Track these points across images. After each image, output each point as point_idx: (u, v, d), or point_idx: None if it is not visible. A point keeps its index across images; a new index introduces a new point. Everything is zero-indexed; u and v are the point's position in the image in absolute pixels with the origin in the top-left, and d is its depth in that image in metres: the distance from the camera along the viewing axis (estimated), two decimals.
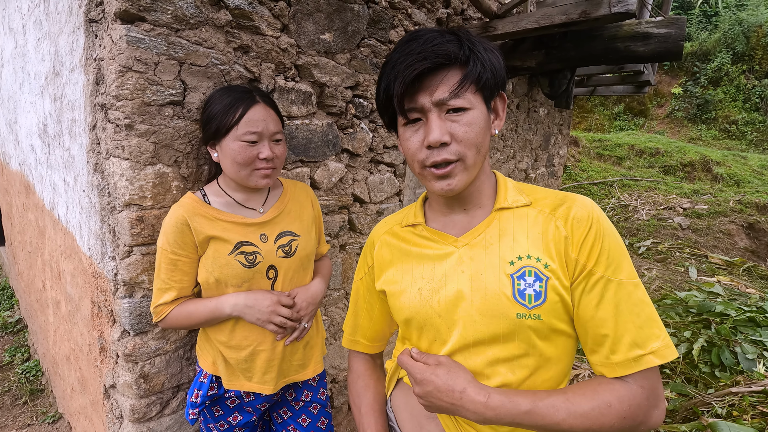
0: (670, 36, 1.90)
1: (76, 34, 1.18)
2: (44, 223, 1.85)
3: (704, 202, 6.42)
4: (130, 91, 1.03)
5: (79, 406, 1.75)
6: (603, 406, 0.62)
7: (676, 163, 8.26)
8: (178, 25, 1.08)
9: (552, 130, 4.15)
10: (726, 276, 4.48)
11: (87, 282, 1.35)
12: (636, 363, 0.62)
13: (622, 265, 0.66)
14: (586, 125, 12.77)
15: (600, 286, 0.65)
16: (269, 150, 1.03)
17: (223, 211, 1.07)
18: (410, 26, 1.86)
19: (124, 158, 1.06)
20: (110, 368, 1.26)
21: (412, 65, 0.63)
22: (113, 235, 1.15)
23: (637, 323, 0.63)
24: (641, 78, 3.91)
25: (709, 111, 11.58)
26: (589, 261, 0.66)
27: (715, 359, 2.56)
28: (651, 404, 0.63)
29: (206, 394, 1.11)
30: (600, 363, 0.66)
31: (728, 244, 5.54)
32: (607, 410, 0.61)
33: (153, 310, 1.07)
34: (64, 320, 1.73)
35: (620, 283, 0.64)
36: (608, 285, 0.65)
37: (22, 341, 2.92)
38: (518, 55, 2.40)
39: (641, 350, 0.62)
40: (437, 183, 0.69)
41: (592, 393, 0.64)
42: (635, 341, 0.63)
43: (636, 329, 0.63)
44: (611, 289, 0.64)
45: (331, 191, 1.67)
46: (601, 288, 0.65)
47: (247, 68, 1.26)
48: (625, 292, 0.64)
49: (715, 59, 11.87)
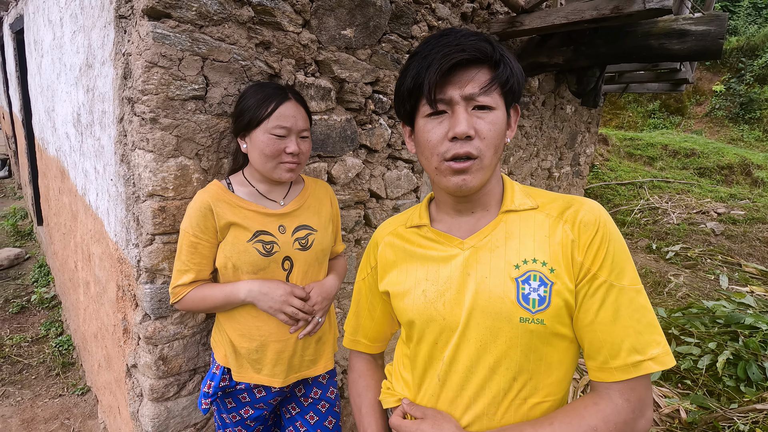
0: (708, 34, 1.80)
1: (107, 29, 1.22)
2: (77, 208, 1.94)
3: (741, 207, 6.09)
4: (155, 86, 1.06)
5: (104, 381, 1.86)
6: (589, 431, 0.63)
7: (713, 165, 7.85)
8: (202, 22, 1.11)
9: (579, 128, 4.02)
10: (760, 286, 4.26)
11: (113, 266, 1.42)
12: (635, 368, 0.63)
13: (626, 270, 0.66)
14: (618, 123, 12.28)
15: (602, 291, 0.65)
16: (295, 145, 1.07)
17: (246, 199, 1.12)
18: (433, 21, 1.83)
19: (149, 150, 1.10)
20: (132, 349, 1.33)
21: (450, 54, 0.64)
22: (137, 223, 1.20)
23: (637, 329, 0.64)
24: (678, 76, 3.72)
25: (753, 110, 10.91)
26: (594, 265, 0.66)
27: (741, 373, 2.45)
28: (637, 416, 0.64)
29: (218, 385, 1.15)
30: (597, 368, 0.66)
31: (765, 253, 5.25)
32: None
33: (171, 291, 1.11)
34: (93, 300, 1.82)
35: (622, 289, 0.65)
36: (611, 290, 0.65)
37: (57, 317, 3.11)
38: (545, 51, 2.33)
39: (641, 356, 0.63)
40: (453, 178, 0.68)
41: (578, 419, 0.64)
42: (635, 347, 0.63)
43: (636, 335, 0.63)
44: (613, 294, 0.65)
45: (348, 186, 1.69)
46: (603, 292, 0.65)
47: (268, 64, 1.28)
48: (627, 297, 0.64)
49: (763, 55, 11.13)
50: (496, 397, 0.70)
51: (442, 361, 0.74)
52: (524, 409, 0.70)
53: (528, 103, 2.91)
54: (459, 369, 0.72)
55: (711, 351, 2.66)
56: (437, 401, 0.76)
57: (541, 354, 0.69)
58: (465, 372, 0.72)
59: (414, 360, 0.80)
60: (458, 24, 1.99)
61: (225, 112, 1.21)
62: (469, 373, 0.71)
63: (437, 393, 0.75)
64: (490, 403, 0.71)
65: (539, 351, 0.68)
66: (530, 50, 2.41)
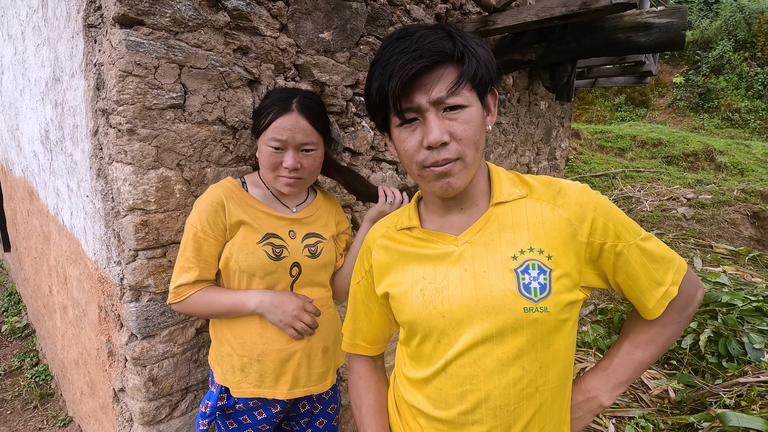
0: (671, 26, 1.88)
1: (75, 39, 1.17)
2: (49, 229, 1.85)
3: (708, 192, 6.39)
4: (131, 96, 1.03)
5: (89, 409, 1.77)
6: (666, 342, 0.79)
7: (679, 153, 8.21)
8: (177, 28, 1.08)
9: (553, 123, 4.13)
10: (731, 266, 4.46)
11: (93, 287, 1.36)
12: (665, 299, 0.73)
13: (633, 227, 0.72)
14: (588, 117, 12.70)
15: (625, 254, 0.71)
16: (292, 159, 1.03)
17: (259, 200, 1.09)
18: (409, 22, 1.85)
19: (127, 163, 1.06)
20: (119, 372, 1.27)
21: (408, 64, 0.61)
22: (118, 239, 1.15)
23: (654, 267, 0.72)
24: (642, 68, 3.88)
25: (711, 100, 11.50)
26: (608, 238, 0.70)
27: (722, 350, 2.55)
28: (691, 296, 0.77)
29: (215, 404, 1.09)
30: (643, 310, 0.76)
31: (733, 234, 5.51)
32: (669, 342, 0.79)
33: (173, 290, 1.03)
34: (72, 325, 1.74)
35: (636, 244, 0.71)
36: (630, 249, 0.71)
37: (31, 346, 2.95)
38: (518, 48, 2.38)
39: (663, 286, 0.73)
40: (437, 182, 0.67)
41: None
42: (656, 280, 0.73)
43: (654, 272, 0.73)
44: (633, 252, 0.71)
45: (334, 191, 1.67)
46: (626, 254, 0.71)
47: (247, 69, 1.25)
48: (640, 248, 0.72)
49: (716, 47, 11.77)
50: (507, 388, 0.70)
51: (445, 358, 0.73)
52: (537, 397, 0.71)
53: (504, 101, 2.97)
54: (466, 364, 0.71)
55: (693, 330, 2.76)
56: (446, 398, 0.75)
57: (548, 342, 0.69)
58: (472, 366, 0.71)
59: (418, 359, 0.80)
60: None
61: (206, 120, 1.18)
62: (477, 367, 0.71)
63: (446, 389, 0.75)
64: (502, 394, 0.70)
65: (546, 339, 0.69)
66: (503, 48, 2.46)
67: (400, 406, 0.86)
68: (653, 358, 0.79)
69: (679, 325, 0.78)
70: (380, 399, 0.90)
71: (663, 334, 0.78)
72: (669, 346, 0.80)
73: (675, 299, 0.74)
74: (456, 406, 0.73)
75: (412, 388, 0.82)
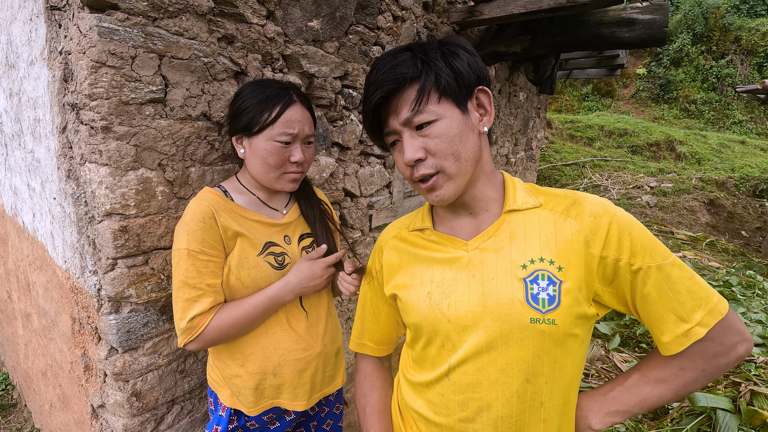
0: (654, 22, 1.91)
1: (34, 22, 1.04)
2: (6, 230, 1.69)
3: (669, 181, 6.73)
4: (106, 89, 0.92)
5: (60, 423, 1.65)
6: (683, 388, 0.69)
7: (643, 142, 8.59)
8: (156, 14, 0.97)
9: (531, 114, 4.18)
10: (690, 251, 4.74)
11: (64, 297, 1.25)
12: (686, 338, 0.65)
13: (656, 248, 0.66)
14: (557, 106, 13.03)
15: (641, 275, 0.65)
16: (301, 153, 0.97)
17: (247, 209, 1.00)
18: (398, 11, 1.78)
19: (103, 164, 0.96)
20: (98, 387, 1.18)
21: (369, 98, 0.68)
22: (94, 247, 1.05)
23: (678, 300, 0.65)
24: (616, 61, 3.98)
25: (671, 91, 12.06)
26: (623, 254, 0.66)
27: None
28: (728, 347, 0.66)
29: (226, 429, 1.02)
30: (657, 342, 0.68)
31: (691, 220, 5.86)
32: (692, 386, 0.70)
33: (186, 327, 0.89)
34: (37, 334, 1.60)
35: (659, 267, 0.65)
36: (649, 272, 0.65)
37: None
38: (503, 40, 2.36)
39: (688, 324, 0.64)
40: (428, 195, 0.71)
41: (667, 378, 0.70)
42: (680, 316, 0.65)
43: (679, 305, 0.65)
44: (652, 275, 0.65)
45: (322, 187, 1.61)
46: (643, 276, 0.65)
47: (233, 60, 1.16)
48: (664, 273, 0.65)
49: (676, 40, 12.29)
50: (509, 399, 0.69)
51: (449, 364, 0.72)
52: (541, 412, 0.69)
53: None
54: (470, 371, 0.70)
55: None
56: (447, 404, 0.74)
57: (555, 356, 0.67)
58: (475, 374, 0.70)
59: (421, 363, 0.79)
60: (420, 14, 1.95)
61: (189, 115, 1.08)
62: (480, 375, 0.70)
63: (447, 395, 0.73)
64: (504, 405, 0.69)
65: (552, 353, 0.67)
66: (488, 40, 2.43)
67: (403, 409, 0.85)
68: (662, 399, 0.70)
69: (703, 374, 0.67)
70: (385, 399, 0.89)
71: (680, 377, 0.68)
72: (686, 392, 0.69)
73: (702, 344, 0.65)
74: (456, 413, 0.72)
75: (413, 392, 0.81)
